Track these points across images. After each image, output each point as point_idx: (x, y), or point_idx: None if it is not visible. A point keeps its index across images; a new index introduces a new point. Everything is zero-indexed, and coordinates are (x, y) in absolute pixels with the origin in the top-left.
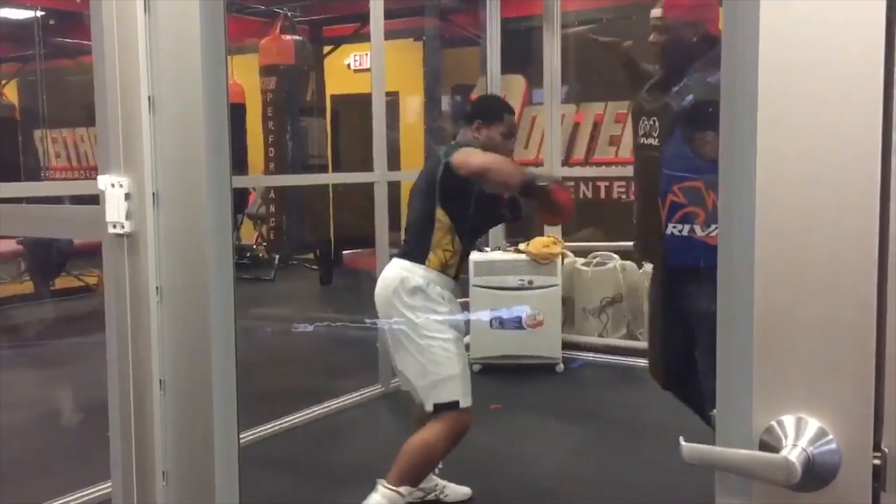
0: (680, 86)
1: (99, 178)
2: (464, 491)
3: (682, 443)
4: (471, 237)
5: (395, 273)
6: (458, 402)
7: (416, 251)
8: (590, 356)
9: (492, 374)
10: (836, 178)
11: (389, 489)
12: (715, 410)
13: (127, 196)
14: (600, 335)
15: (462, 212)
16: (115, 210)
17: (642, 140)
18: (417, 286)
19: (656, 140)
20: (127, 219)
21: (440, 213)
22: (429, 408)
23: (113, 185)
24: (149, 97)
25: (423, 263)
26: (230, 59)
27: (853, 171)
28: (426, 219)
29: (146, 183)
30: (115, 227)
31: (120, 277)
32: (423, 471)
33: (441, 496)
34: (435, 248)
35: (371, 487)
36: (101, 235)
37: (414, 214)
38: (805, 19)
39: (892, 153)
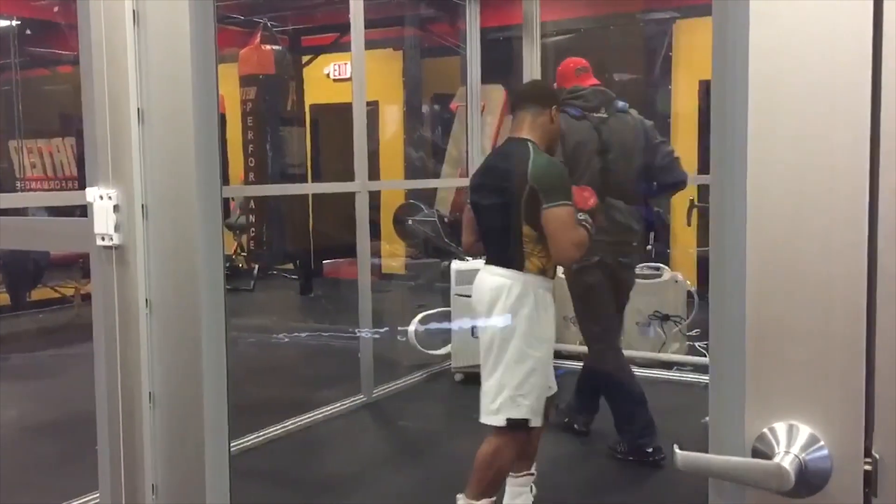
0: None
1: (87, 189)
2: None
3: (677, 451)
4: None
5: (499, 281)
6: (528, 421)
7: (514, 259)
8: (572, 364)
9: (474, 382)
10: (826, 188)
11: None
12: (707, 418)
13: (115, 208)
14: (581, 343)
15: None
16: (103, 222)
17: None
18: (523, 294)
19: None
20: (115, 231)
21: (527, 230)
22: (500, 422)
23: (101, 198)
24: (138, 109)
25: (522, 270)
26: None
27: (843, 181)
28: (513, 232)
29: (135, 195)
30: (103, 239)
31: (108, 290)
32: (496, 482)
33: None
34: (530, 255)
35: (357, 497)
36: (89, 248)
37: (497, 224)
38: (794, 33)
39: (880, 163)
